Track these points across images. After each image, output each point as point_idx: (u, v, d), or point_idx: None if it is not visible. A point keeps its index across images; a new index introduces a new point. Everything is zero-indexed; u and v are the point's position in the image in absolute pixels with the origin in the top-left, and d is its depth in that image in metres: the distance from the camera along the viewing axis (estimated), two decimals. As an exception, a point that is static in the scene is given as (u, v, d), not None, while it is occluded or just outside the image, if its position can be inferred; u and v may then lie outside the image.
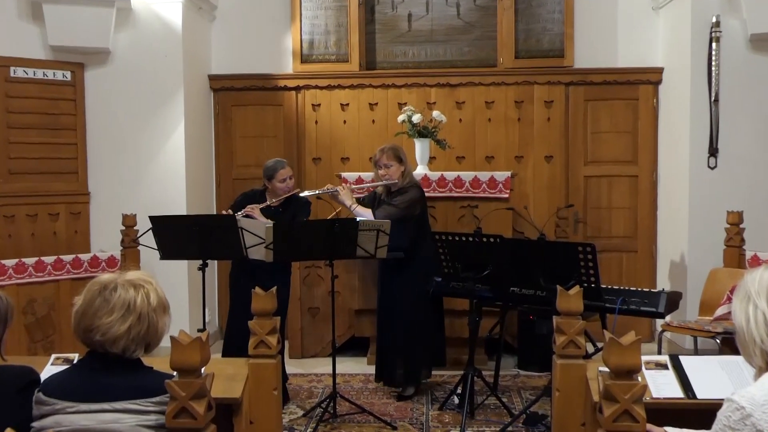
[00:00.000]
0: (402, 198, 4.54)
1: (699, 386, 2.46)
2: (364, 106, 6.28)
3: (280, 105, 6.34)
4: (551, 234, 5.67)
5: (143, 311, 1.96)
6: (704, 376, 2.49)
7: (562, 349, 2.74)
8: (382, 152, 4.60)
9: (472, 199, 5.32)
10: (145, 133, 5.69)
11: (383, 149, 4.62)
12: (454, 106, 6.20)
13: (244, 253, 4.09)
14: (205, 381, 1.98)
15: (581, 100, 6.14)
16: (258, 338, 2.78)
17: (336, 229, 4.01)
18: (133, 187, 5.68)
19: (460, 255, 4.22)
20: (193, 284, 5.60)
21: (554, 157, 6.14)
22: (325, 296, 5.50)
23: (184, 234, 4.13)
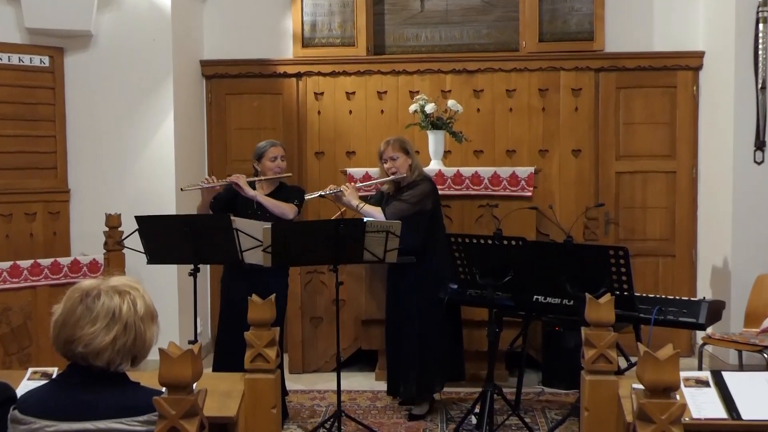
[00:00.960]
0: (412, 192, 4.55)
1: (744, 406, 2.45)
2: (371, 95, 6.28)
3: (279, 93, 6.35)
4: (579, 236, 5.66)
5: (129, 320, 1.97)
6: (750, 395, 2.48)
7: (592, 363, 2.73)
8: (386, 144, 4.63)
9: (492, 198, 5.31)
10: (131, 124, 5.71)
11: (388, 141, 4.66)
12: (471, 94, 6.19)
13: (240, 257, 4.10)
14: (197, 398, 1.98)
15: (613, 88, 6.13)
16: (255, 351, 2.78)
17: (341, 230, 4.01)
18: (118, 184, 5.70)
19: (478, 259, 4.21)
20: (183, 291, 5.62)
21: (582, 151, 6.13)
22: (328, 305, 5.51)
23: (173, 236, 4.14)
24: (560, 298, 4.14)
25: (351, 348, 5.57)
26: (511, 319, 4.73)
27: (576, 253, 4.01)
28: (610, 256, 3.83)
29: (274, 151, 4.56)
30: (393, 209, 4.50)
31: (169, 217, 4.70)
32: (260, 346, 2.78)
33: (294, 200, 4.55)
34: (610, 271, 3.85)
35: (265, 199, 4.46)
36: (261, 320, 2.84)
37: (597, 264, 3.87)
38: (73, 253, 5.52)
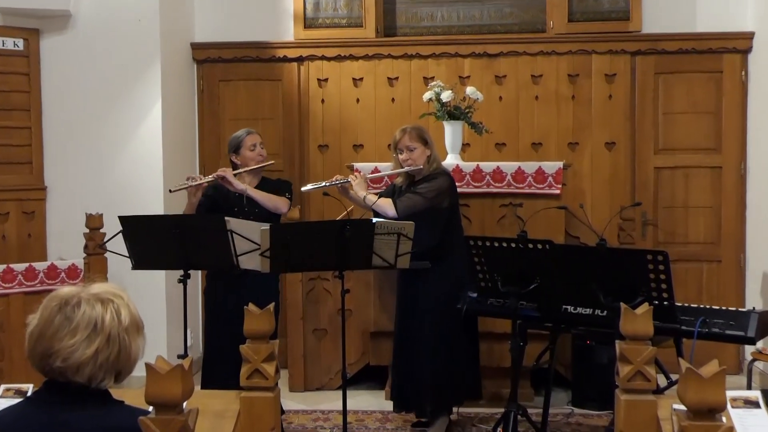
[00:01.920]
0: (429, 185, 4.55)
1: (799, 429, 2.43)
2: (381, 82, 6.28)
3: (279, 80, 6.36)
4: (613, 239, 5.64)
5: (113, 332, 1.97)
6: (805, 417, 2.46)
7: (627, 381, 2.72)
8: (403, 132, 4.63)
9: (516, 196, 5.30)
10: (114, 115, 5.73)
11: (404, 129, 4.66)
12: (492, 80, 6.19)
13: (235, 262, 4.11)
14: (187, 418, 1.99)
15: (651, 74, 6.11)
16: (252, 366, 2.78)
17: (347, 232, 4.01)
18: (100, 181, 5.72)
19: (499, 265, 4.21)
20: (172, 300, 5.63)
21: (617, 144, 6.11)
22: (333, 315, 5.51)
23: (161, 238, 4.15)
24: (592, 308, 4.13)
25: (358, 363, 5.57)
26: (537, 332, 4.72)
27: (610, 258, 4.00)
28: (648, 262, 3.82)
29: (251, 138, 4.62)
30: (406, 202, 4.50)
31: (156, 217, 4.71)
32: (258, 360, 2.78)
33: (285, 193, 4.59)
34: (648, 278, 3.83)
35: (255, 192, 4.50)
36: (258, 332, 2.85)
37: (633, 270, 3.86)
38: (50, 258, 5.54)
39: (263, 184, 4.62)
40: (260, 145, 4.63)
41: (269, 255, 3.99)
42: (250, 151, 4.59)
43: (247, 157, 4.59)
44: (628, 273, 3.89)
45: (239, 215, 4.36)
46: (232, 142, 4.65)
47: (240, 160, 4.61)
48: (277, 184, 4.68)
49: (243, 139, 4.61)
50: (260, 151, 4.62)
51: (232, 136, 4.72)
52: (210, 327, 4.66)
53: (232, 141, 4.67)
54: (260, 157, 4.61)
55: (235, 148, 4.62)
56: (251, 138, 4.63)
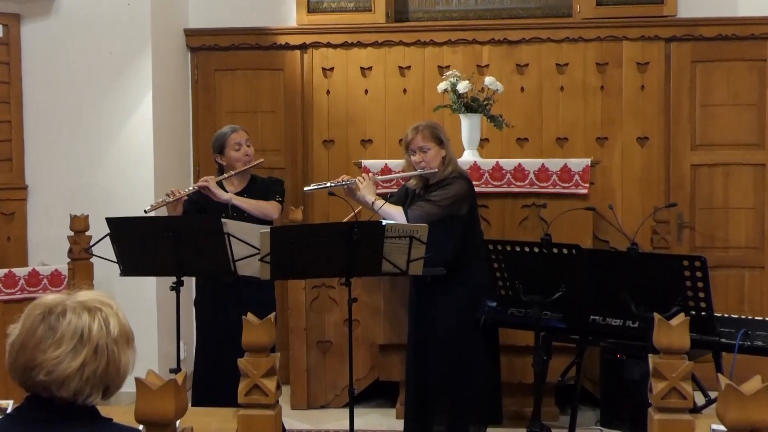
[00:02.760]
0: (444, 192, 4.54)
1: None
2: (392, 71, 6.29)
3: (280, 69, 6.38)
4: (646, 243, 5.63)
5: (101, 343, 1.97)
6: None
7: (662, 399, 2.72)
8: (415, 131, 4.61)
9: (539, 196, 5.29)
10: (102, 107, 5.75)
11: (417, 128, 4.63)
12: (513, 70, 6.19)
13: (232, 268, 4.11)
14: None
15: (687, 62, 6.10)
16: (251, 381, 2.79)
17: (355, 235, 4.02)
18: (86, 180, 5.75)
19: (521, 271, 4.20)
20: (164, 309, 5.65)
21: (650, 140, 6.10)
22: (339, 326, 5.52)
23: (152, 242, 4.16)
24: (623, 318, 4.12)
25: (366, 379, 5.57)
26: (563, 345, 4.71)
27: (642, 264, 3.99)
28: (684, 268, 3.81)
29: (236, 137, 4.61)
30: (418, 211, 4.48)
31: (147, 219, 4.70)
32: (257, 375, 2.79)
33: (275, 196, 4.60)
34: (685, 286, 3.83)
35: (241, 201, 4.52)
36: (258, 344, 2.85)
37: (668, 277, 3.85)
38: (31, 263, 5.55)
39: (252, 185, 4.64)
40: (247, 143, 4.62)
41: (270, 260, 4.00)
42: (235, 151, 4.59)
43: (232, 158, 4.59)
44: (663, 280, 3.88)
45: None
46: (216, 142, 4.65)
47: (225, 161, 4.62)
48: (266, 184, 4.68)
49: (227, 137, 4.60)
50: (246, 151, 4.61)
51: (215, 134, 4.72)
52: (200, 340, 4.68)
53: (215, 140, 4.66)
54: (247, 158, 4.61)
55: (219, 148, 4.62)
56: (236, 136, 4.61)
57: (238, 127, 4.69)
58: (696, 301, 3.84)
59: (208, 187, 4.47)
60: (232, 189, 4.61)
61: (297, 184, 6.23)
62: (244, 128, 4.74)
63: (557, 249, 4.09)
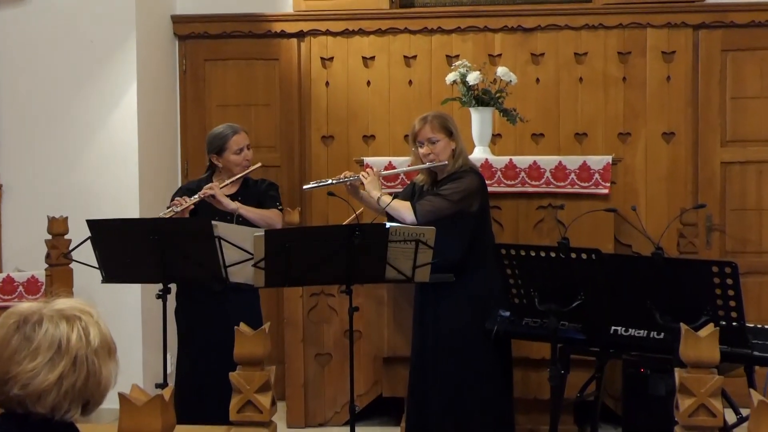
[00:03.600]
0: (454, 186, 4.54)
1: None
2: (396, 61, 6.29)
3: (275, 59, 6.38)
4: (672, 248, 5.62)
5: (80, 354, 1.98)
6: None
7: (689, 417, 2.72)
8: (423, 122, 4.62)
9: (556, 196, 5.29)
10: (82, 100, 5.75)
11: (425, 118, 4.64)
12: (528, 60, 6.18)
13: (223, 274, 4.12)
14: (167, 458, 2.00)
15: (717, 51, 6.09)
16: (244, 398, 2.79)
17: (356, 239, 4.02)
18: (64, 179, 5.75)
19: (537, 278, 4.20)
20: (149, 319, 5.65)
21: (677, 135, 6.10)
22: (339, 337, 5.52)
23: (137, 246, 4.16)
24: (647, 329, 4.11)
25: (369, 395, 5.57)
26: (582, 358, 4.70)
27: (668, 271, 3.98)
28: (714, 275, 3.80)
29: (239, 140, 4.61)
30: (426, 206, 4.49)
31: (131, 221, 4.73)
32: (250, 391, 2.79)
33: (275, 203, 4.63)
34: (714, 295, 3.82)
35: (248, 210, 4.53)
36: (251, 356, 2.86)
37: (696, 285, 3.85)
38: (6, 269, 5.56)
39: (245, 189, 4.65)
40: (247, 147, 4.64)
41: (264, 266, 4.00)
42: (236, 154, 4.59)
43: (231, 162, 4.60)
44: (690, 288, 3.87)
45: None
46: (215, 142, 4.63)
47: (222, 163, 4.62)
48: (260, 189, 4.69)
49: (228, 139, 4.59)
50: (247, 155, 4.62)
51: (213, 132, 4.70)
52: (181, 355, 4.69)
53: (214, 139, 4.65)
54: (247, 162, 4.62)
55: (218, 149, 4.61)
56: (239, 139, 4.61)
57: (239, 127, 4.68)
58: (726, 311, 3.84)
59: (215, 196, 4.47)
60: (226, 192, 4.60)
61: (294, 184, 6.24)
62: (245, 129, 4.74)
63: (575, 254, 4.09)
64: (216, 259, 4.09)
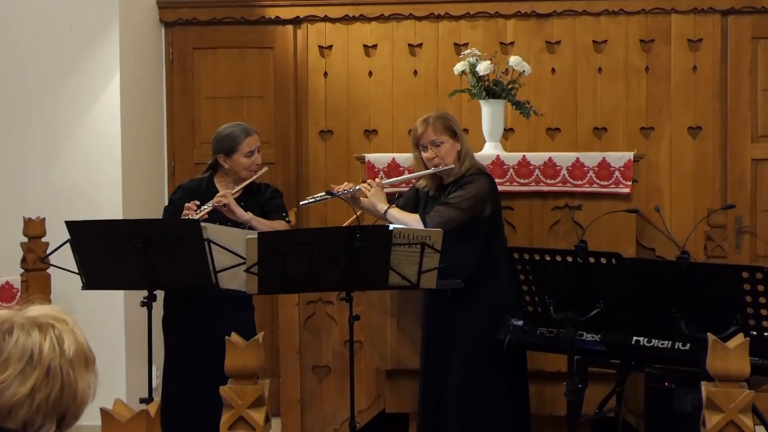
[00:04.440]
0: (464, 192, 4.54)
1: None
2: (401, 50, 6.29)
3: (269, 48, 6.38)
4: (698, 252, 5.62)
5: (53, 364, 1.97)
6: None
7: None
8: (425, 124, 4.63)
9: (573, 196, 5.29)
10: (60, 92, 5.75)
11: (426, 120, 4.65)
12: (543, 48, 6.18)
13: (213, 280, 4.11)
14: (152, 478, 1.99)
15: (747, 39, 6.09)
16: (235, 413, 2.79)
17: (357, 242, 4.02)
18: (41, 177, 5.75)
19: (552, 284, 4.19)
20: (133, 328, 5.64)
21: (704, 130, 6.10)
22: (339, 348, 5.51)
23: (120, 249, 4.16)
24: (671, 340, 4.11)
25: (371, 410, 5.56)
26: (601, 371, 4.70)
27: (694, 276, 3.98)
28: (744, 281, 3.80)
29: (251, 142, 4.60)
30: (437, 218, 4.49)
31: (113, 223, 4.72)
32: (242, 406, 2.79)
33: (281, 214, 4.62)
34: (744, 302, 3.81)
35: (260, 222, 4.49)
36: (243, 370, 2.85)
37: (725, 291, 3.84)
38: (-21, 274, 5.57)
39: (248, 195, 4.64)
40: (258, 150, 4.63)
41: (257, 271, 3.99)
42: (246, 158, 4.58)
43: (240, 165, 4.58)
44: (718, 295, 3.87)
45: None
46: (225, 142, 4.61)
47: (230, 165, 4.60)
48: (264, 196, 4.68)
49: (240, 141, 4.57)
50: (257, 159, 4.61)
51: (223, 131, 4.67)
52: (169, 367, 4.69)
53: (224, 139, 4.62)
54: (256, 166, 4.61)
55: (227, 150, 4.59)
56: (252, 141, 4.59)
57: (252, 129, 4.67)
58: (757, 320, 3.83)
59: (229, 205, 4.44)
60: None
61: (289, 182, 6.24)
62: (257, 131, 4.72)
63: (594, 258, 4.08)
64: (205, 264, 4.09)
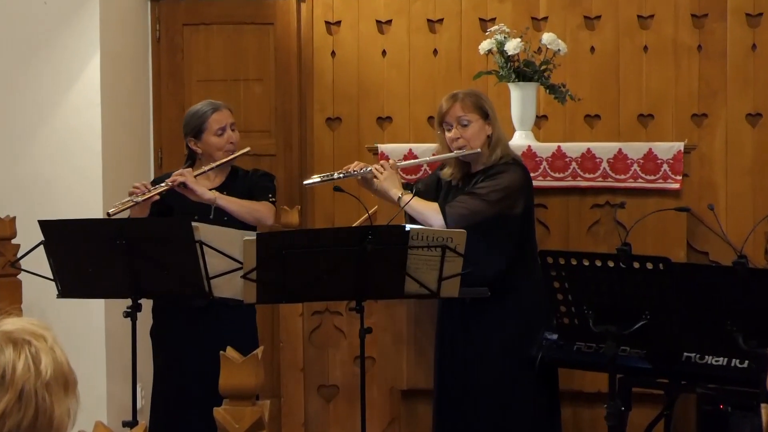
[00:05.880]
0: (493, 183, 4.53)
1: None
2: (418, 26, 6.29)
3: (270, 24, 6.39)
4: (758, 256, 5.61)
5: (27, 387, 1.98)
6: None
7: (780, 464, 2.71)
8: (453, 100, 4.62)
9: (614, 192, 5.28)
10: (33, 74, 5.77)
11: (455, 95, 4.64)
12: (580, 24, 6.17)
13: (206, 288, 4.12)
14: None
15: (815, 13, 6.07)
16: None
17: (369, 244, 4.02)
18: (11, 171, 5.77)
19: (591, 293, 4.19)
20: (115, 342, 5.66)
21: (764, 117, 6.08)
22: (348, 365, 5.52)
23: (100, 253, 4.18)
24: (727, 356, 4.10)
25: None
26: (647, 391, 4.70)
27: (753, 284, 3.97)
28: (811, 289, 3.79)
29: (220, 118, 4.60)
30: (459, 209, 4.48)
31: (92, 222, 4.73)
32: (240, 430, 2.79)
33: (267, 194, 4.61)
34: (810, 314, 3.81)
35: (229, 201, 4.50)
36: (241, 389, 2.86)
37: (788, 301, 3.84)
38: (-59, 281, 5.59)
39: (233, 179, 4.66)
40: (231, 127, 4.63)
41: (256, 278, 4.00)
42: (217, 136, 4.59)
43: (211, 146, 4.60)
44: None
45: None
46: (192, 122, 4.64)
47: (202, 148, 4.63)
48: (252, 179, 4.69)
49: (207, 118, 4.60)
50: (231, 137, 4.61)
51: (189, 111, 4.72)
52: (158, 385, 4.71)
53: (190, 119, 4.66)
54: (231, 146, 4.61)
55: (195, 131, 4.62)
56: (219, 116, 4.61)
57: (220, 104, 4.70)
58: (826, 334, 3.83)
59: (186, 183, 4.46)
60: (207, 184, 4.62)
61: (292, 176, 6.25)
62: (228, 105, 4.75)
63: (639, 263, 4.07)
64: (197, 269, 4.10)
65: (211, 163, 4.61)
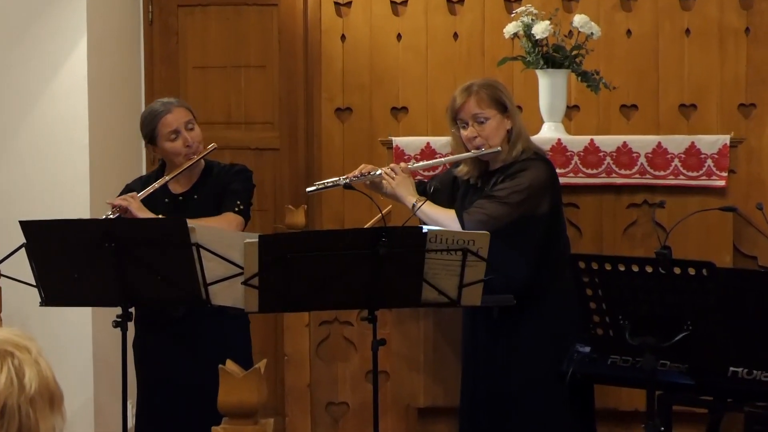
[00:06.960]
0: (514, 183, 4.53)
1: None
2: (437, 6, 6.30)
3: (273, 4, 6.40)
4: (813, 261, 5.61)
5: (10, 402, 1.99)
6: None
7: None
8: (466, 93, 4.61)
9: (653, 190, 5.28)
10: (13, 62, 5.79)
11: (469, 88, 4.63)
12: (616, 4, 6.17)
13: (203, 295, 4.13)
14: None
15: None
16: (231, 460, 2.81)
17: (382, 247, 4.02)
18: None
19: (627, 301, 4.19)
20: (103, 354, 5.67)
21: (819, 107, 6.08)
22: (359, 380, 5.53)
23: (87, 257, 4.18)
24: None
25: (399, 458, 5.59)
26: (689, 410, 4.70)
27: (807, 292, 3.98)
28: None
29: (170, 120, 4.56)
30: (477, 215, 4.49)
31: (78, 223, 4.74)
32: (240, 451, 2.81)
33: (234, 201, 4.56)
34: None
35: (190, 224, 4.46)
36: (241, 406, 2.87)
37: None
38: None
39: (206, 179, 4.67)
40: (187, 126, 4.58)
41: (258, 284, 4.01)
42: (170, 141, 4.56)
43: (169, 152, 4.58)
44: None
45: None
46: (143, 129, 4.64)
47: (161, 154, 4.64)
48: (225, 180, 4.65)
49: (157, 123, 4.57)
50: (187, 138, 4.56)
51: (142, 114, 4.73)
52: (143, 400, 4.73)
53: (141, 125, 4.66)
54: (188, 149, 4.57)
55: (149, 138, 4.61)
56: (171, 119, 4.56)
57: (173, 101, 4.66)
58: None
59: (130, 209, 4.41)
60: (178, 188, 4.62)
61: (298, 172, 6.26)
62: (183, 102, 4.73)
63: (680, 268, 4.07)
64: (193, 274, 4.10)
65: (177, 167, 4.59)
